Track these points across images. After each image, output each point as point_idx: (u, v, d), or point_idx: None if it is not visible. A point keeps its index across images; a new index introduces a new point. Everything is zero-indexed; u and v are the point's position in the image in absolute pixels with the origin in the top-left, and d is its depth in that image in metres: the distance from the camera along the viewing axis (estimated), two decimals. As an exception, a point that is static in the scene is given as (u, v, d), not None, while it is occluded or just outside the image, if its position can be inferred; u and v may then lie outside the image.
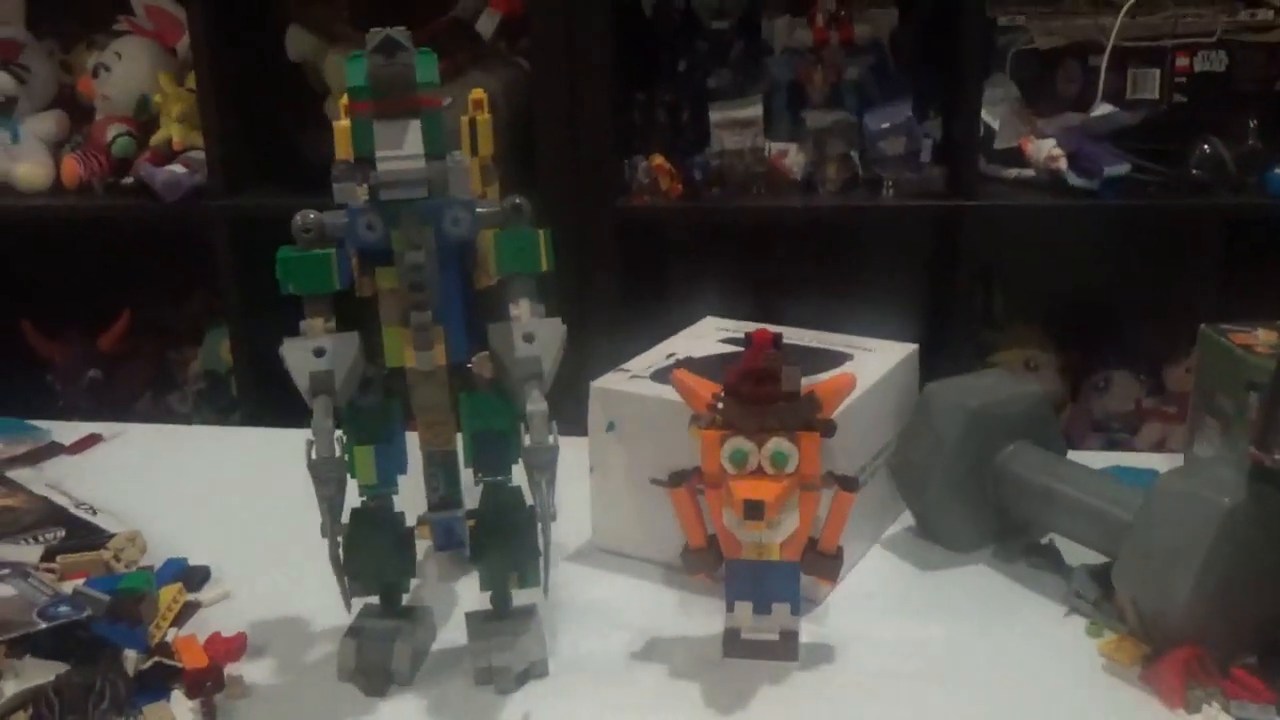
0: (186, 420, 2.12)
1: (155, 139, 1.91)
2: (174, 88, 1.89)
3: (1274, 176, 1.64)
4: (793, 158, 1.76)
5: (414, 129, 0.66)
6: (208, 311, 2.17)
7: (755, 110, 1.74)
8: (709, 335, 0.94)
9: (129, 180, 1.92)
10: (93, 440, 1.11)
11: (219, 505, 0.98)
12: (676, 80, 1.82)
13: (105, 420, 1.17)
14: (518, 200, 0.69)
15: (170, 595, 0.80)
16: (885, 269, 1.97)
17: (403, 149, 0.65)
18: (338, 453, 0.67)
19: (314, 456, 0.67)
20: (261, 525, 0.92)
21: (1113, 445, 1.88)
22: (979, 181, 1.72)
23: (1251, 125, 1.71)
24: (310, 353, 0.68)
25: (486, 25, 1.82)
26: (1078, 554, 0.82)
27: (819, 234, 1.96)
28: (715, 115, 1.75)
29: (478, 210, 0.69)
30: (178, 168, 1.86)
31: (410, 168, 0.66)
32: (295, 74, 1.91)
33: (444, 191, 0.68)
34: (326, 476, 0.66)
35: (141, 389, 2.23)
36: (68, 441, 1.10)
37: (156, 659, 0.74)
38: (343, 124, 0.70)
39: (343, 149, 0.71)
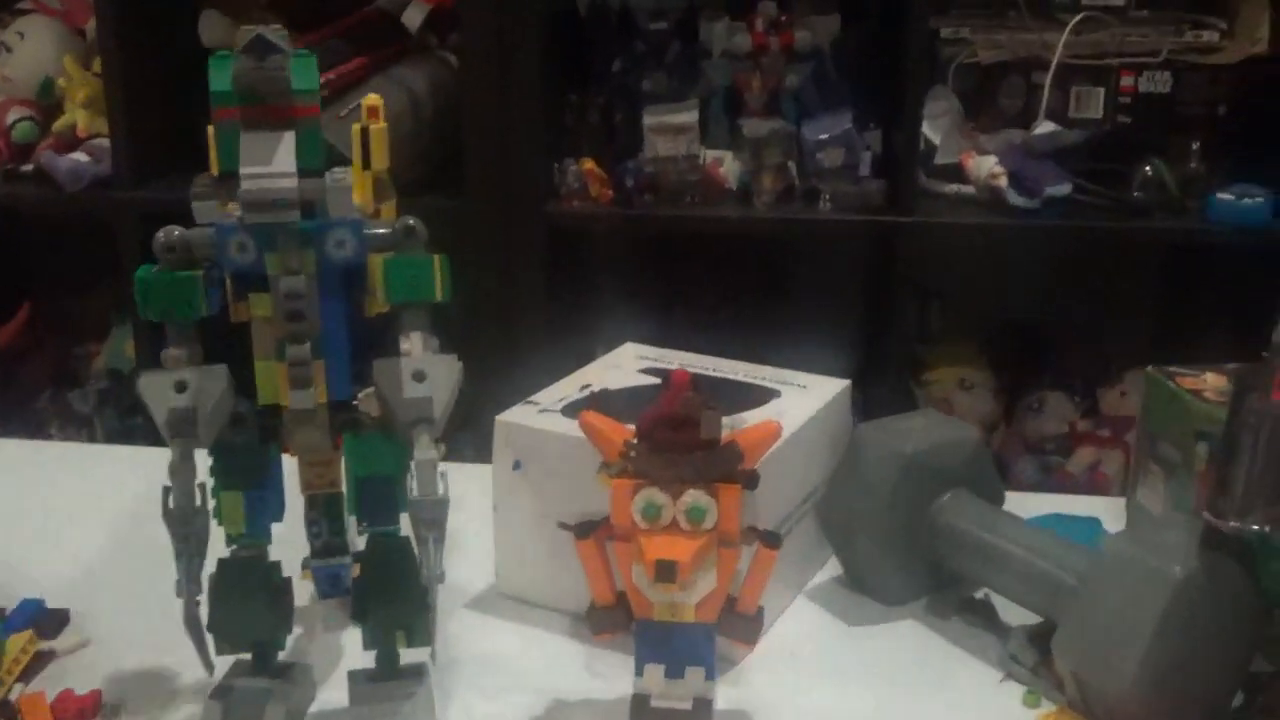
0: (88, 420, 2.02)
1: (58, 125, 1.81)
2: (80, 71, 1.79)
3: (1216, 201, 1.61)
4: (728, 166, 1.71)
5: (286, 142, 0.58)
6: (113, 307, 2.07)
7: (691, 116, 1.68)
8: (629, 365, 0.88)
9: (29, 168, 1.82)
10: (-47, 458, 1.02)
11: (85, 536, 0.89)
12: (610, 82, 1.75)
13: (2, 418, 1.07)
14: (410, 222, 0.62)
15: (19, 644, 0.72)
16: (821, 283, 1.92)
17: (271, 165, 0.58)
18: (198, 501, 0.59)
19: (170, 505, 0.59)
20: (133, 562, 0.83)
21: (1045, 469, 1.85)
22: (918, 197, 1.68)
23: (1194, 148, 1.68)
24: (170, 387, 0.60)
25: (413, 17, 1.74)
26: (1014, 610, 0.77)
27: (753, 246, 1.91)
28: (649, 120, 1.69)
29: (366, 231, 0.62)
30: (82, 156, 1.77)
31: (279, 186, 0.58)
32: (208, 61, 1.81)
33: (324, 209, 0.60)
34: (183, 530, 0.59)
35: (42, 386, 2.12)
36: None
37: (-4, 721, 0.66)
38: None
39: (214, 161, 0.63)
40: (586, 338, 0.87)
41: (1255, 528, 0.62)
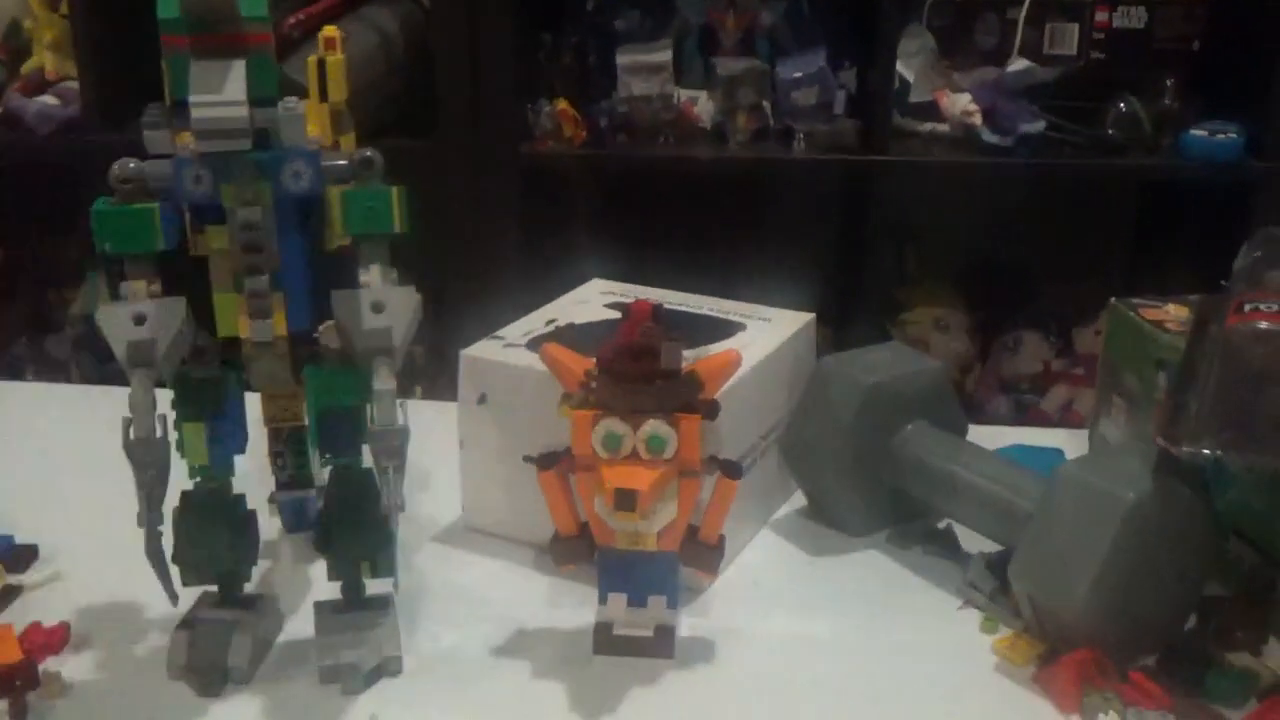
0: (64, 366, 2.02)
1: (26, 67, 1.79)
2: (46, 12, 1.77)
3: (1190, 138, 1.61)
4: (702, 106, 1.70)
5: (237, 70, 0.58)
6: (87, 253, 2.06)
7: (665, 55, 1.67)
8: (594, 300, 0.88)
9: (-2, 111, 1.80)
10: (-77, 398, 1.02)
11: (55, 474, 0.90)
12: (583, 21, 1.74)
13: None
14: (368, 153, 0.62)
15: (-13, 579, 0.73)
16: (795, 223, 1.92)
17: (222, 93, 0.57)
18: (158, 432, 0.60)
19: (130, 436, 0.59)
20: (103, 498, 0.82)
21: (1020, 407, 1.86)
22: (893, 135, 1.67)
23: (1169, 85, 1.68)
24: (129, 319, 0.60)
25: (384, -44, 1.72)
26: (976, 541, 0.78)
27: (728, 185, 1.90)
28: (623, 59, 1.68)
29: (323, 163, 0.62)
30: (50, 99, 1.75)
31: (229, 115, 0.58)
32: (178, 1, 1.79)
33: (278, 143, 0.60)
34: (144, 460, 0.59)
35: (17, 332, 2.11)
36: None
37: (-36, 654, 0.66)
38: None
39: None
40: (560, 278, 0.87)
41: (1207, 452, 0.63)
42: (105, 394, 1.07)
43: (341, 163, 0.62)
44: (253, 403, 0.70)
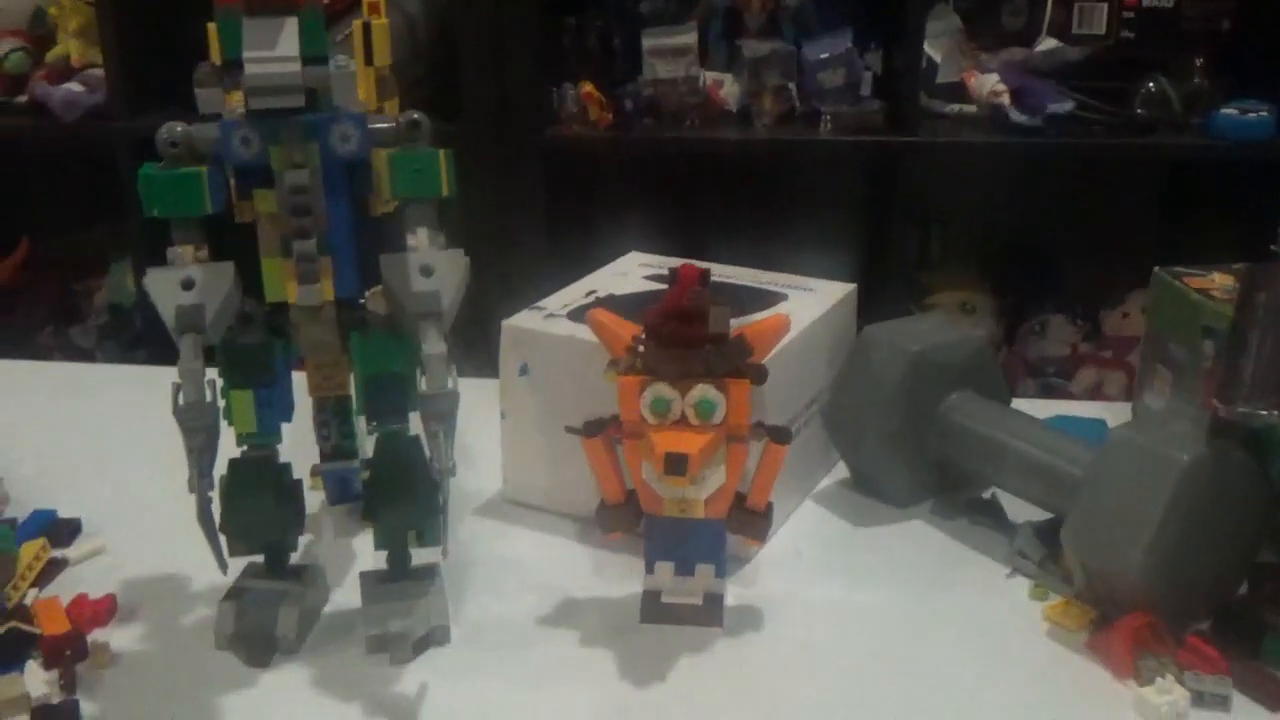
0: (90, 355, 2.02)
1: (51, 55, 1.79)
2: (71, 0, 1.77)
3: (1219, 117, 1.60)
4: (728, 88, 1.70)
5: (289, 28, 0.57)
6: (113, 241, 2.06)
7: (689, 38, 1.67)
8: (633, 272, 0.87)
9: (23, 99, 1.80)
10: (-41, 378, 1.02)
11: (97, 451, 0.90)
12: (608, 4, 1.73)
13: (2, 354, 1.07)
14: (415, 116, 0.61)
15: (32, 552, 0.73)
16: (821, 206, 1.91)
17: (275, 50, 0.57)
18: (208, 397, 0.59)
19: (180, 402, 0.59)
20: (144, 474, 0.83)
21: (1047, 390, 1.85)
22: (919, 117, 1.66)
23: (1198, 64, 1.67)
24: (177, 284, 0.60)
25: (408, -60, 1.72)
26: (1021, 510, 0.77)
27: (753, 168, 1.89)
28: (648, 42, 1.68)
29: (370, 126, 0.61)
30: (76, 86, 1.75)
31: (283, 71, 0.57)
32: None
33: (328, 103, 0.60)
34: (194, 424, 0.59)
35: (43, 321, 2.11)
36: (-68, 379, 1.01)
37: (12, 624, 0.66)
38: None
39: (214, 52, 0.62)
40: (587, 264, 0.86)
41: (1263, 412, 0.62)
42: (137, 373, 1.08)
43: (388, 125, 0.62)
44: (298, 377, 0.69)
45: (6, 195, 2.03)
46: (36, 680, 0.63)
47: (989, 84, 1.64)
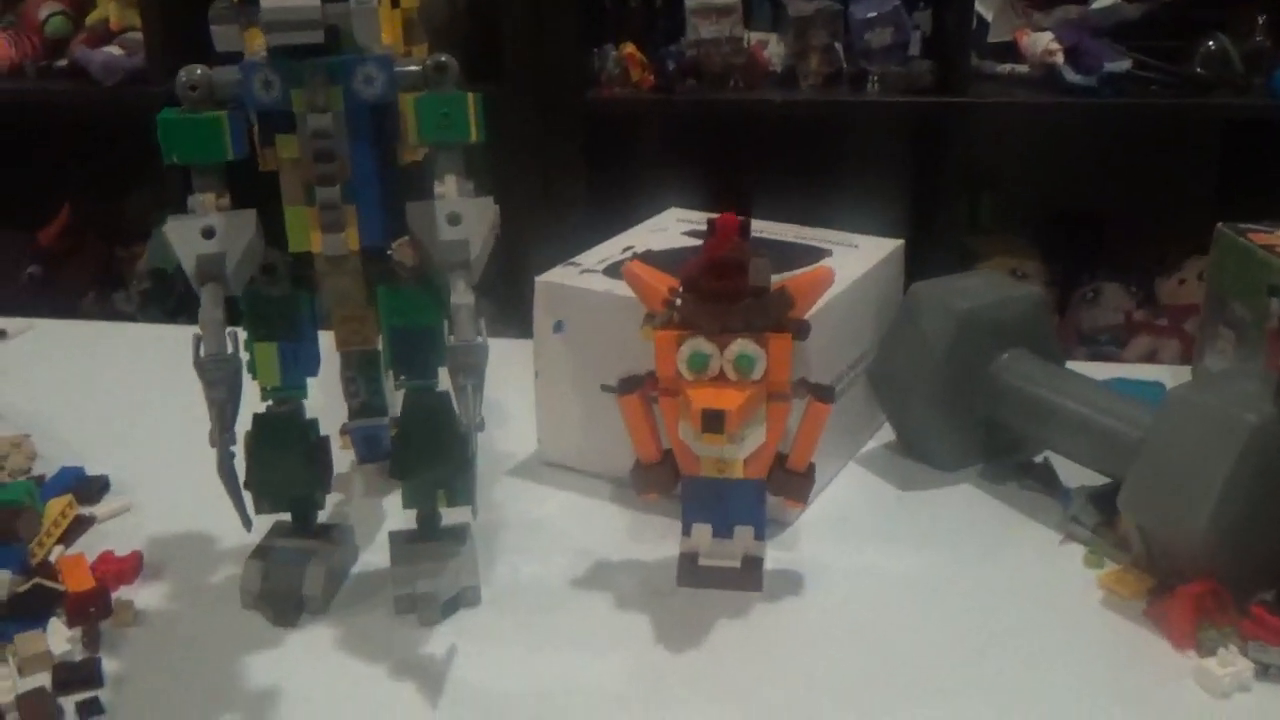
0: (132, 321, 2.02)
1: (91, 19, 1.79)
2: (110, -37, 1.77)
3: (1282, 76, 1.55)
4: (772, 48, 1.66)
5: None
6: (155, 207, 2.06)
7: (734, -4, 1.64)
8: (672, 228, 0.85)
9: (63, 63, 1.80)
10: (-5, 336, 1.01)
11: (129, 409, 0.88)
12: (650, -38, 1.70)
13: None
14: (442, 58, 0.59)
15: (58, 509, 0.71)
16: (867, 169, 1.87)
17: None
18: (230, 349, 0.57)
19: (201, 353, 0.57)
20: (174, 433, 0.81)
21: (1099, 359, 1.81)
22: (970, 77, 1.62)
23: (1260, 21, 1.62)
24: (198, 232, 0.58)
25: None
26: (1074, 474, 0.74)
27: (798, 130, 1.86)
28: (691, 2, 1.64)
29: (395, 69, 0.59)
30: (115, 50, 1.75)
31: (301, 5, 0.55)
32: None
33: (352, 45, 0.58)
34: (215, 377, 0.57)
35: (85, 287, 2.12)
36: (-33, 337, 1.00)
37: (36, 580, 0.65)
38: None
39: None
40: (626, 226, 0.84)
41: (1337, 370, 0.59)
42: (173, 333, 1.06)
43: (414, 68, 0.59)
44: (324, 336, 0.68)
45: (48, 161, 2.03)
46: (59, 637, 0.62)
47: (1042, 42, 1.59)
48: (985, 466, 0.78)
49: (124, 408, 0.89)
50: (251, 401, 0.63)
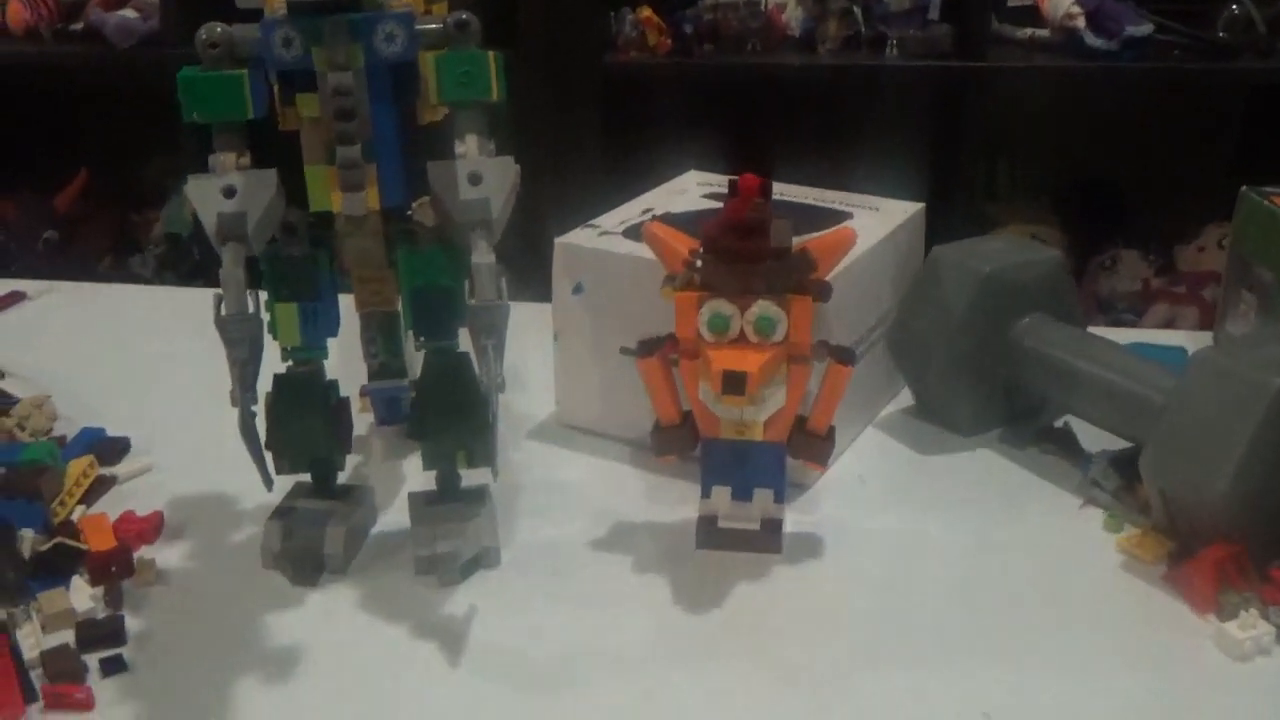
0: (148, 285, 2.02)
1: (106, -19, 1.78)
2: (125, -76, 1.76)
3: (1307, 40, 1.53)
4: (791, 12, 1.65)
5: None
6: (171, 172, 2.06)
7: (752, -41, 1.62)
8: (691, 190, 0.84)
9: (79, 26, 1.79)
10: (14, 298, 1.01)
11: (150, 371, 0.88)
12: (667, -76, 1.69)
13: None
14: (464, 15, 0.59)
15: (80, 468, 0.72)
16: (885, 135, 1.85)
17: None
18: (251, 308, 0.57)
19: (222, 312, 0.57)
20: (194, 394, 0.81)
21: (1118, 326, 1.80)
22: (989, 41, 1.61)
23: (1285, -16, 1.60)
24: (219, 191, 0.58)
25: None
26: (1094, 439, 0.74)
27: (817, 95, 1.85)
28: (708, -36, 1.63)
29: (417, 26, 0.58)
30: (130, 12, 1.74)
31: None
32: None
33: (373, 3, 0.57)
34: (237, 335, 0.57)
35: (102, 252, 2.12)
36: (-13, 299, 1.00)
37: (58, 539, 0.65)
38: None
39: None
40: (644, 190, 0.83)
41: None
42: (193, 296, 1.07)
43: (435, 26, 0.59)
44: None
45: (65, 124, 2.03)
46: (82, 595, 0.62)
47: (1064, 6, 1.58)
48: (1005, 431, 0.78)
49: (144, 370, 0.89)
50: (272, 363, 0.63)
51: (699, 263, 0.63)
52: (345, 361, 0.70)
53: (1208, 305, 1.75)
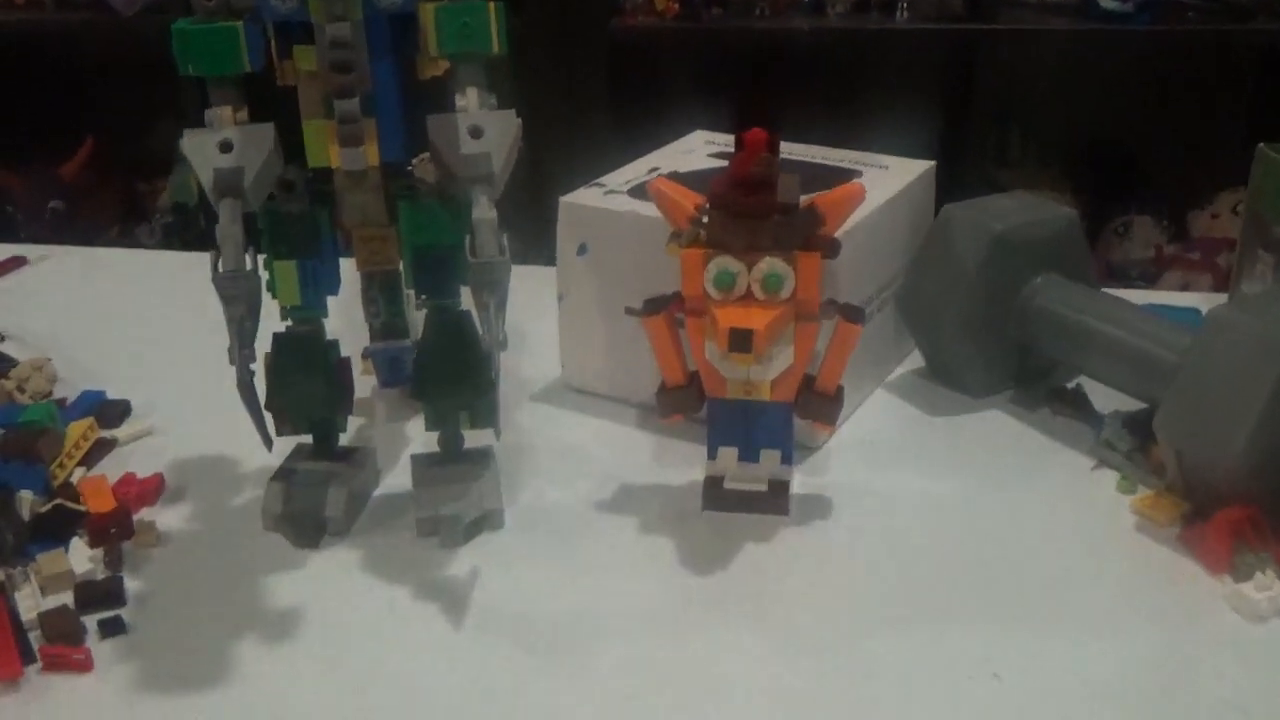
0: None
1: (109, -53, 1.76)
2: (127, -111, 1.74)
3: (1325, 0, 1.51)
4: (800, -25, 1.63)
5: None
6: (177, 141, 2.05)
7: (760, -80, 1.60)
8: (698, 149, 0.83)
9: (82, -8, 1.78)
10: (16, 263, 1.01)
11: (149, 335, 0.88)
12: (675, -114, 1.66)
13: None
14: (463, -35, 0.57)
15: (80, 430, 0.71)
16: (895, 99, 1.83)
17: None
18: (248, 265, 0.56)
19: (220, 269, 0.56)
20: (195, 358, 0.80)
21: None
22: (1001, 3, 1.59)
23: (1302, -55, 1.57)
24: (215, 146, 0.57)
25: None
26: (1106, 401, 0.73)
27: (826, 59, 1.82)
28: (717, -74, 1.61)
29: (415, -24, 0.57)
30: (133, -22, 1.73)
31: None
32: None
33: (367, -53, 0.56)
34: (233, 293, 0.56)
35: (109, 222, 2.12)
36: (-13, 264, 1.00)
37: (58, 501, 0.64)
38: None
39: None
40: (653, 149, 0.82)
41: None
42: (192, 259, 1.06)
43: (435, -24, 0.58)
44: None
45: (70, 93, 2.02)
46: (81, 558, 0.62)
47: (1077, -33, 1.56)
48: (1016, 392, 0.77)
49: (145, 333, 0.88)
50: (272, 324, 0.62)
51: (705, 219, 0.62)
52: (346, 323, 0.69)
53: (1222, 272, 1.73)
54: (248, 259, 0.57)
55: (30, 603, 0.58)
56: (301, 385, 0.63)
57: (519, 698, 0.53)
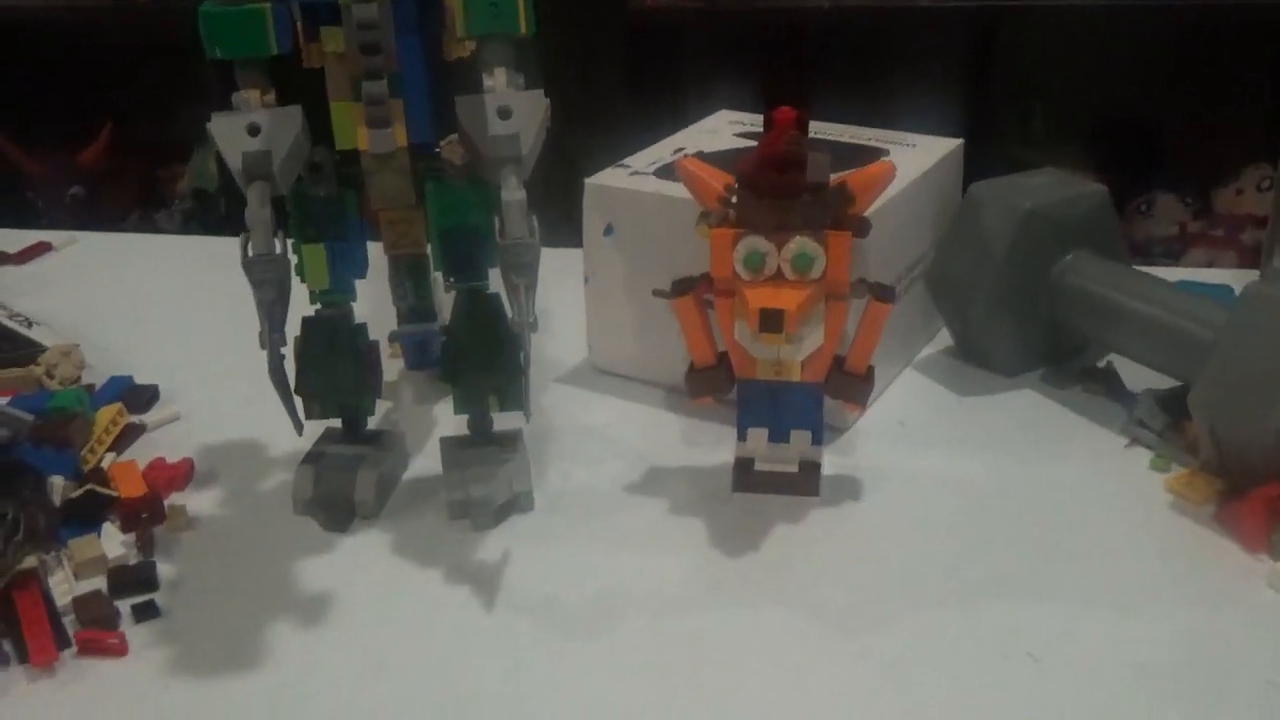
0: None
1: (127, -68, 1.76)
2: (145, -126, 1.74)
3: (1353, -27, 1.49)
4: (820, -47, 1.61)
5: None
6: (196, 126, 2.05)
7: (780, -102, 1.59)
8: (723, 130, 0.83)
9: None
10: (41, 249, 1.01)
11: (176, 320, 0.88)
12: None
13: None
14: (491, -56, 0.57)
15: (109, 416, 0.71)
16: (915, 78, 1.82)
17: None
18: (278, 249, 0.56)
19: (249, 253, 0.56)
20: (223, 342, 0.80)
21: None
22: (1024, -21, 1.57)
23: (1329, -84, 1.55)
24: (243, 129, 0.56)
25: None
26: (1139, 379, 0.72)
27: (845, 38, 1.81)
28: (735, -95, 1.60)
29: (441, -44, 0.57)
30: (152, -36, 1.73)
31: None
32: None
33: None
34: (263, 277, 0.56)
35: (129, 207, 2.12)
36: (13, 250, 1.00)
37: (89, 487, 0.65)
38: None
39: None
40: (676, 130, 0.81)
41: None
42: (217, 244, 1.06)
43: (461, -46, 0.57)
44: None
45: (90, 78, 2.02)
46: (113, 542, 0.62)
47: (1100, -58, 1.54)
48: (1047, 371, 0.76)
49: (172, 318, 0.88)
50: (300, 308, 0.62)
51: (734, 199, 0.61)
52: (374, 308, 0.69)
53: (1246, 249, 1.72)
54: (277, 244, 0.56)
55: (64, 588, 0.58)
56: (330, 369, 0.63)
57: (551, 678, 0.53)
